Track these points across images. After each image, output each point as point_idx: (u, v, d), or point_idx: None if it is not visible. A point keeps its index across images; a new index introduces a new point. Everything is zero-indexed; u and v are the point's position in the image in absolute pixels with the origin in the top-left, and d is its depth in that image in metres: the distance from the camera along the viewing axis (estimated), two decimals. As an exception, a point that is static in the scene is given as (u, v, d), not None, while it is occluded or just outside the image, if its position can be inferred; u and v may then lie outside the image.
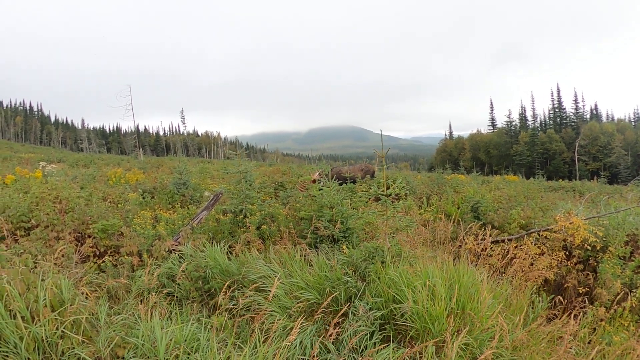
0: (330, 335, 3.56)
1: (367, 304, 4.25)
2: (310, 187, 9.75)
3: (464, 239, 7.34)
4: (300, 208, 8.11)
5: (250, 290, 4.49)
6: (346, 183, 13.85)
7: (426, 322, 3.85)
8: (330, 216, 6.75)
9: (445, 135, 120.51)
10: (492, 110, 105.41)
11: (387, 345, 3.62)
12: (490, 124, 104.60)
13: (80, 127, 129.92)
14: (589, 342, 4.44)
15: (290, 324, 3.89)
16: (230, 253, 6.18)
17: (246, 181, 7.96)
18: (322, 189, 7.41)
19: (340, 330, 3.90)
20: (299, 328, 3.50)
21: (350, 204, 8.96)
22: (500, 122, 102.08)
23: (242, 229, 7.11)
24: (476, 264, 6.10)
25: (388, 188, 6.10)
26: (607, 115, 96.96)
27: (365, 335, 3.85)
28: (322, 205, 6.96)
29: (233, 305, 4.60)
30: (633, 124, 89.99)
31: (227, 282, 4.66)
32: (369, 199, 11.18)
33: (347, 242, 6.37)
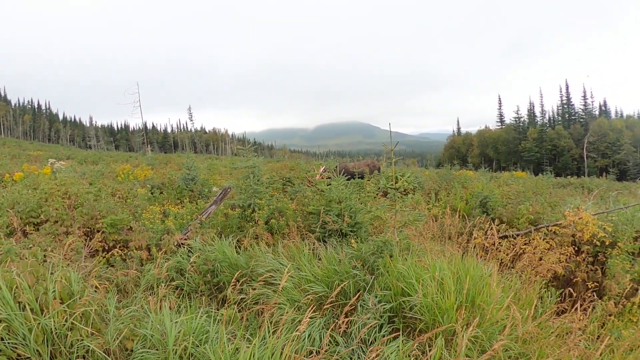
0: (340, 327, 3.55)
1: (376, 296, 4.23)
2: (317, 182, 9.76)
3: (472, 234, 7.32)
4: (308, 203, 8.11)
5: (258, 283, 4.50)
6: (354, 178, 13.85)
7: (435, 315, 3.84)
8: (339, 210, 6.74)
9: (453, 131, 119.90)
10: (500, 106, 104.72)
11: (397, 338, 3.61)
12: (498, 120, 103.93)
13: (88, 125, 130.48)
14: (597, 337, 4.41)
15: (299, 316, 3.89)
16: (239, 247, 6.20)
17: (254, 176, 7.96)
18: (330, 184, 7.40)
19: (349, 322, 3.90)
20: (308, 320, 3.49)
21: (359, 198, 8.94)
22: (509, 118, 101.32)
23: (250, 224, 7.12)
24: (485, 259, 6.07)
25: (397, 182, 6.08)
26: (617, 112, 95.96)
27: (374, 327, 3.84)
28: (331, 199, 6.95)
29: (242, 298, 4.61)
30: None
31: (236, 275, 4.65)
32: (377, 193, 11.18)
33: (355, 236, 6.35)
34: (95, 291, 4.25)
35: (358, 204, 7.16)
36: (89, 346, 3.32)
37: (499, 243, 6.81)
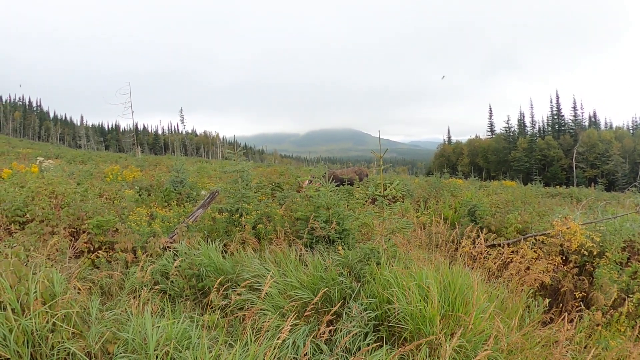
0: (323, 335, 3.53)
1: (362, 304, 4.22)
2: (306, 188, 9.71)
3: (460, 242, 7.34)
4: (296, 208, 8.08)
5: (243, 289, 4.47)
6: (343, 185, 13.85)
7: (419, 324, 3.83)
8: (327, 217, 6.73)
9: (444, 140, 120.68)
10: (491, 116, 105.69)
11: (381, 347, 3.59)
12: (488, 130, 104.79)
13: (79, 124, 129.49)
14: (585, 347, 4.42)
15: (283, 323, 3.86)
16: (225, 252, 6.16)
17: (243, 180, 7.93)
18: (319, 190, 7.38)
19: (334, 330, 3.88)
20: (292, 327, 3.48)
21: (347, 205, 8.94)
22: (499, 128, 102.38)
23: (237, 228, 7.08)
24: (472, 267, 6.08)
25: (385, 189, 6.09)
26: (606, 123, 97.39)
27: (359, 335, 3.83)
28: (319, 205, 6.93)
29: (226, 303, 4.58)
30: (631, 132, 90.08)
31: (220, 280, 4.62)
32: (366, 200, 11.19)
33: (342, 243, 6.35)
34: (79, 293, 4.21)
35: (346, 211, 7.16)
36: (70, 349, 3.28)
37: (487, 252, 6.84)
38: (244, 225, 6.96)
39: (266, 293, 4.17)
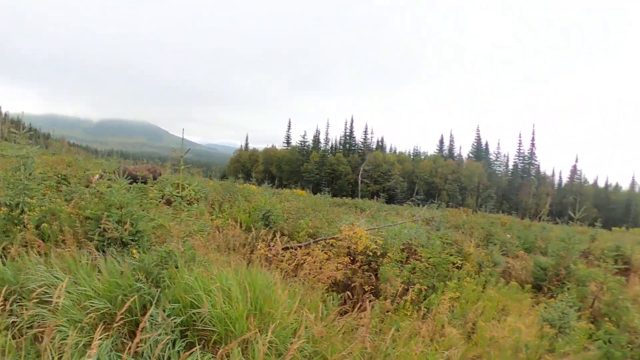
0: (129, 349, 3.32)
1: (165, 310, 4.10)
2: (96, 183, 9.03)
3: (256, 245, 7.66)
4: (86, 206, 7.36)
5: (31, 302, 3.92)
6: (137, 183, 13.15)
7: (227, 325, 3.90)
8: (119, 217, 6.29)
9: (241, 146, 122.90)
10: (289, 128, 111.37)
11: (192, 352, 3.55)
12: (285, 142, 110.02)
13: None
14: (380, 330, 5.11)
15: (83, 339, 3.55)
16: (5, 257, 5.23)
17: (26, 169, 6.94)
18: (111, 186, 6.89)
19: (140, 340, 3.68)
20: (90, 343, 3.21)
21: (141, 205, 8.49)
22: (295, 141, 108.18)
23: (18, 227, 6.16)
24: (269, 269, 6.36)
25: (184, 189, 5.98)
26: (391, 148, 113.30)
27: (167, 344, 3.70)
28: (111, 204, 6.41)
29: (13, 321, 3.89)
30: (411, 157, 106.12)
31: (2, 292, 3.83)
32: (160, 201, 10.80)
33: (137, 246, 6.01)
34: None
35: (140, 211, 6.81)
36: None
37: (282, 254, 7.29)
38: (27, 224, 6.12)
39: (59, 305, 3.74)
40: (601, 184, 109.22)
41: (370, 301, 6.07)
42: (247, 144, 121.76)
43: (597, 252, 14.02)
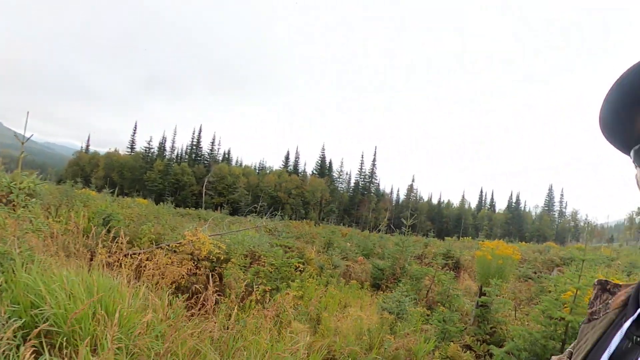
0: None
1: (5, 312, 3.83)
2: None
3: (95, 250, 7.38)
4: None
5: None
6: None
7: (73, 325, 3.78)
8: None
9: (82, 147, 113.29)
10: (134, 133, 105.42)
11: (41, 357, 3.36)
12: (129, 147, 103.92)
13: None
14: (227, 327, 5.27)
15: None
16: None
17: None
18: None
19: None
20: None
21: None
22: (140, 146, 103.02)
23: None
24: (110, 273, 6.21)
25: (22, 182, 5.65)
26: (237, 161, 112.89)
27: (11, 350, 3.44)
28: None
29: None
30: (257, 171, 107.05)
31: None
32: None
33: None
34: None
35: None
36: None
37: (123, 259, 7.12)
38: None
39: None
40: (434, 201, 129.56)
41: (216, 302, 6.24)
42: (88, 146, 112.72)
43: (430, 255, 17.00)
